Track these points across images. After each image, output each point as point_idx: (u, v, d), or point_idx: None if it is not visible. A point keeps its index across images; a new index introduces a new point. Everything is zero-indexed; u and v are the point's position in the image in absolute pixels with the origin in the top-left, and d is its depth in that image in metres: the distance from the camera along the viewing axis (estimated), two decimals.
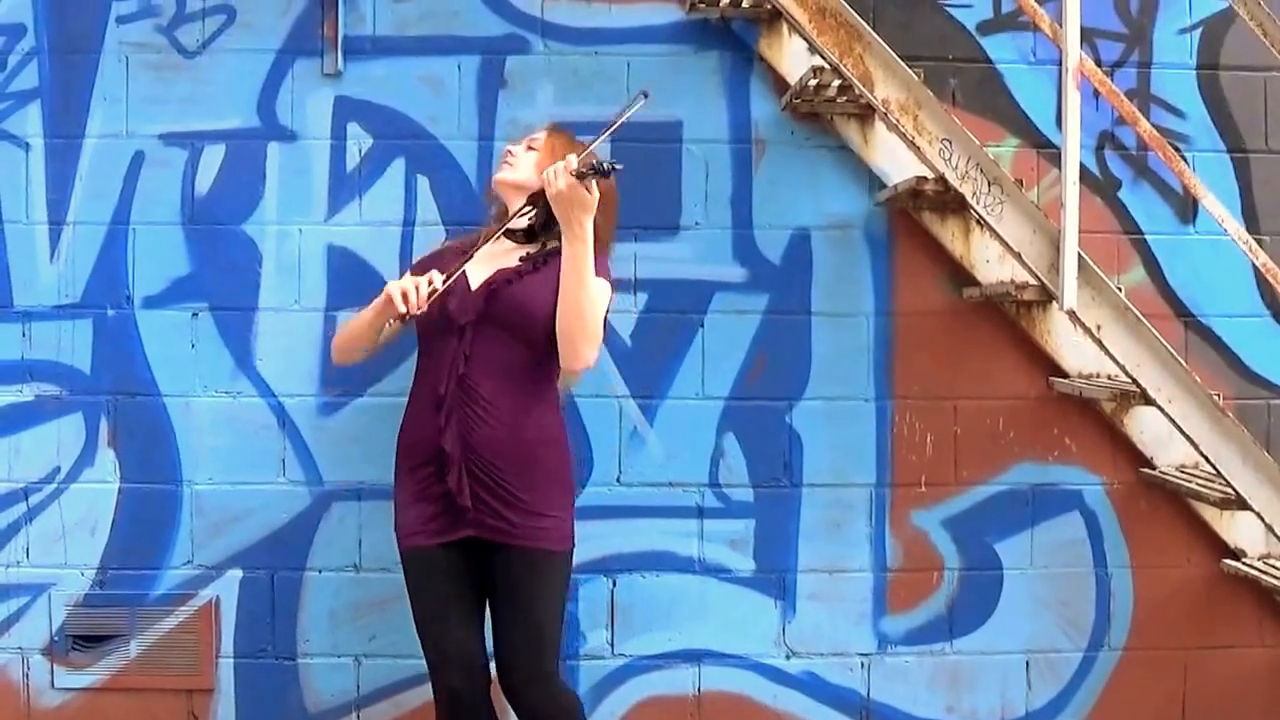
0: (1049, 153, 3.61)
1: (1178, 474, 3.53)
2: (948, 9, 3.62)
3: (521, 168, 3.08)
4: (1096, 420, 3.59)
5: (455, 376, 2.90)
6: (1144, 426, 3.55)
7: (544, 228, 3.03)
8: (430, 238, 3.48)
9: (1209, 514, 3.56)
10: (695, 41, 3.56)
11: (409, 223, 3.53)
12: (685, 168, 3.56)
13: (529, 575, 2.87)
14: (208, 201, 3.54)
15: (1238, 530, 3.56)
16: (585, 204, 2.79)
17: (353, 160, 3.53)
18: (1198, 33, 3.66)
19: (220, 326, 3.54)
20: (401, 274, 3.19)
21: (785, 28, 3.50)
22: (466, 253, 2.97)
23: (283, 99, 3.53)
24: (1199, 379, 3.27)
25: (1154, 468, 3.57)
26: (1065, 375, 3.55)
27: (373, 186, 3.54)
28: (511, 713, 2.97)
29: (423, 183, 3.52)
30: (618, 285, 3.53)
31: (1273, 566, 3.47)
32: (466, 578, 2.92)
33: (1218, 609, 3.60)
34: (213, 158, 3.53)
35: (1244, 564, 3.52)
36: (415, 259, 3.29)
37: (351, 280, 3.50)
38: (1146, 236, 3.66)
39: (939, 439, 3.59)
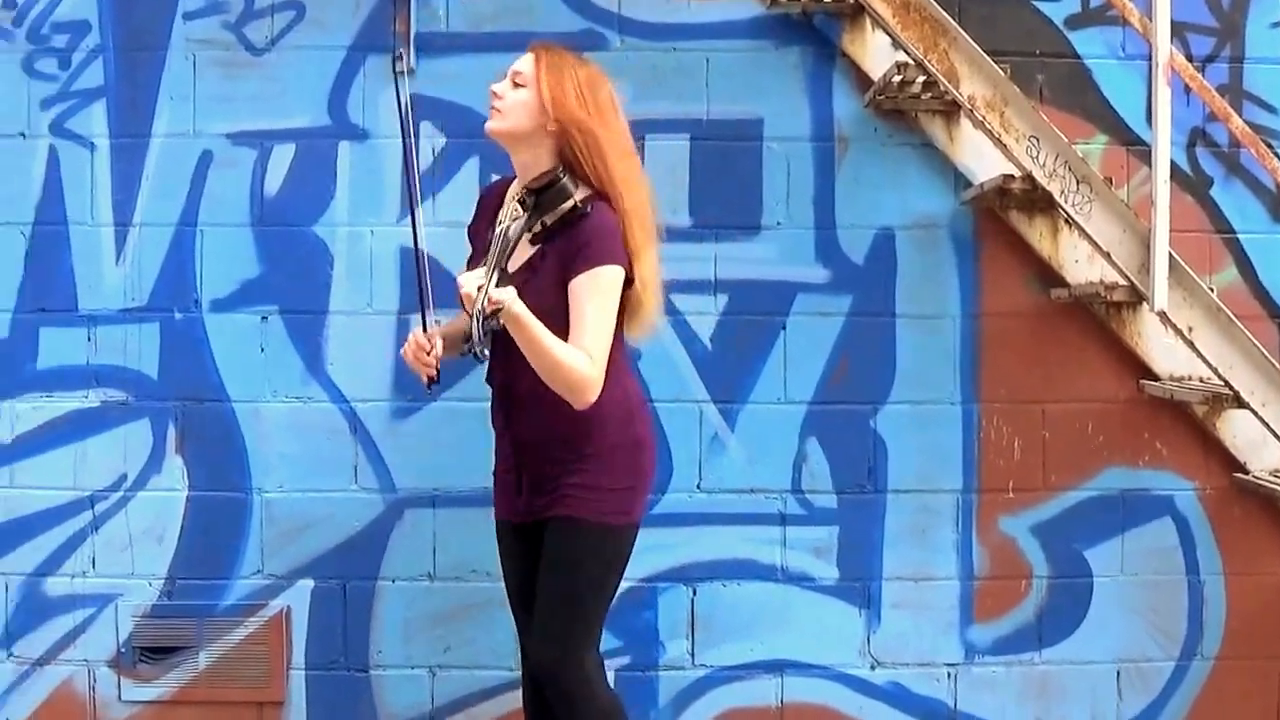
0: (1139, 150, 3.66)
1: (1272, 479, 3.58)
2: (1034, 3, 3.68)
3: (510, 114, 2.87)
4: (1188, 424, 3.64)
5: (499, 374, 2.93)
6: (1237, 430, 3.61)
7: (541, 205, 2.83)
8: None
9: None
10: (776, 37, 3.62)
11: None
12: (766, 166, 3.62)
13: (562, 543, 2.84)
14: (277, 202, 3.60)
15: None
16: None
17: (425, 160, 3.61)
18: None
19: (290, 330, 3.61)
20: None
21: (868, 22, 3.56)
22: (489, 267, 2.80)
23: (354, 97, 3.59)
24: None
25: (1247, 472, 3.62)
26: (1156, 378, 3.62)
27: (446, 186, 3.61)
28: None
29: None
30: (696, 286, 3.61)
31: None
32: (531, 559, 2.94)
33: None
34: (282, 157, 3.59)
35: None
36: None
37: None
38: (1239, 235, 3.72)
39: (1027, 443, 3.65)
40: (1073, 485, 3.66)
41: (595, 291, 2.78)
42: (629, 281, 2.85)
